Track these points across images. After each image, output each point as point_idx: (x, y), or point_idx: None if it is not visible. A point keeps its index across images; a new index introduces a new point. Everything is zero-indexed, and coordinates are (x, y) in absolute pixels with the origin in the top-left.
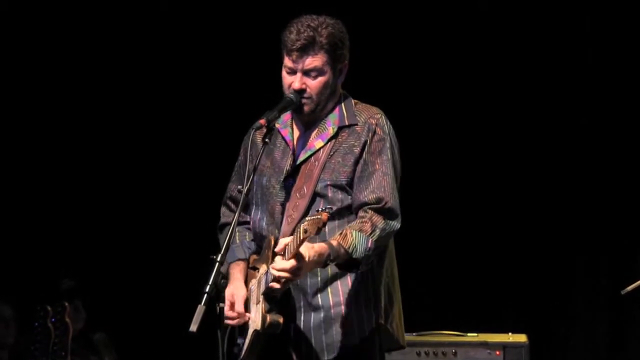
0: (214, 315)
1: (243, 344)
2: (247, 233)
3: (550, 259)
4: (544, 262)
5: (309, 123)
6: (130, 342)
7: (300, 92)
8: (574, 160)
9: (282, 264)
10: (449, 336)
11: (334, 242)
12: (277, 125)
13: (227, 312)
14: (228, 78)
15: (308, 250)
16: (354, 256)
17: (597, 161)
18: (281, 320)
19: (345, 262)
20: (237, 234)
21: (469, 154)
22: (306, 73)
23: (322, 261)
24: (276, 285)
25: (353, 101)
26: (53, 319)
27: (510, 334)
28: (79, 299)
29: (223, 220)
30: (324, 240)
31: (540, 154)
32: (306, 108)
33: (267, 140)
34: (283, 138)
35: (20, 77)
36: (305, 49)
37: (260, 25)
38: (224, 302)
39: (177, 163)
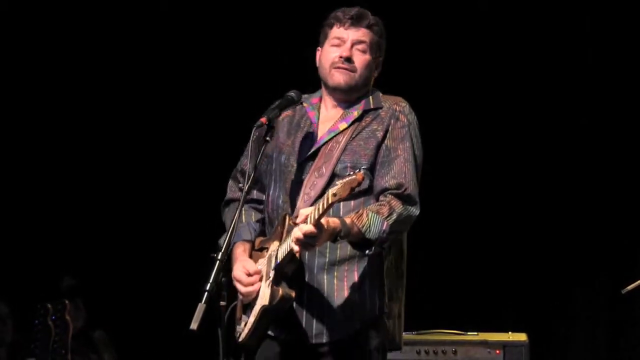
0: (214, 313)
1: (246, 323)
2: (254, 213)
3: (551, 259)
4: (544, 261)
5: (338, 106)
6: (130, 341)
7: (347, 60)
8: (574, 159)
9: (304, 227)
10: (448, 335)
11: (348, 220)
12: (304, 105)
13: (242, 282)
14: (228, 77)
15: (324, 221)
16: (367, 236)
17: (597, 161)
18: (293, 294)
19: (358, 241)
20: (243, 213)
21: (469, 153)
22: (354, 45)
23: (333, 234)
24: (296, 248)
25: (380, 93)
26: (53, 317)
27: (510, 333)
28: (80, 297)
29: (229, 195)
30: (337, 216)
31: (539, 153)
32: (342, 79)
33: (268, 138)
34: (309, 119)
35: (20, 78)
36: (359, 20)
37: (260, 25)
38: (224, 300)
39: (177, 162)
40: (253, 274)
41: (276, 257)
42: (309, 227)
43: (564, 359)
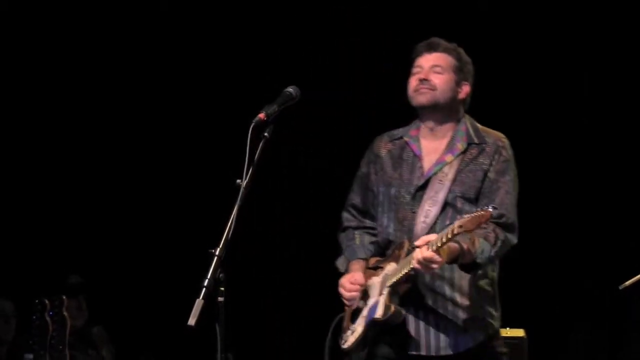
0: (212, 309)
1: (352, 332)
2: (367, 236)
3: (550, 256)
4: (543, 257)
5: (435, 134)
6: (128, 336)
7: (424, 81)
8: (573, 158)
9: (426, 252)
10: None
11: (465, 246)
12: (405, 139)
13: (344, 288)
14: (226, 77)
15: (446, 247)
16: (477, 261)
17: (596, 160)
18: (403, 312)
19: (468, 264)
20: (357, 236)
21: None
22: (431, 69)
23: (452, 259)
24: (417, 266)
25: (477, 124)
26: (51, 313)
27: (508, 329)
28: (84, 296)
29: (345, 224)
30: (456, 242)
31: (539, 152)
32: (424, 98)
33: (266, 134)
34: (412, 151)
35: (21, 77)
36: (433, 46)
37: (259, 25)
38: (222, 296)
39: (177, 160)
40: (356, 284)
41: (392, 276)
42: (430, 253)
43: (563, 355)
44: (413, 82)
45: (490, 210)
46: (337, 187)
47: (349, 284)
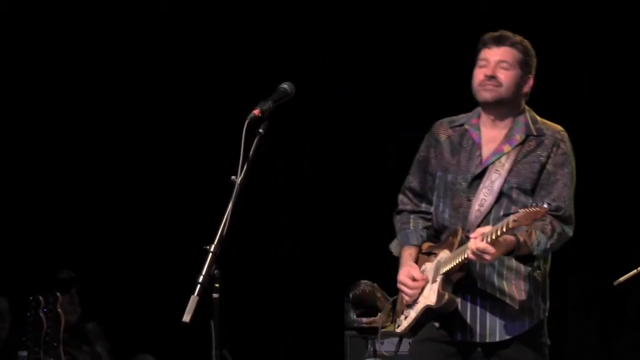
0: (207, 305)
1: (406, 317)
2: (421, 221)
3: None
4: None
5: (495, 124)
6: (123, 333)
7: (490, 78)
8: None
9: (480, 243)
10: None
11: (521, 238)
12: (466, 127)
13: (407, 286)
14: (223, 74)
15: (502, 239)
16: (534, 252)
17: (589, 157)
18: (457, 299)
19: (525, 255)
20: (411, 221)
21: None
22: (498, 64)
23: (508, 250)
24: (472, 257)
25: (537, 116)
26: (45, 309)
27: None
28: (76, 291)
29: (400, 207)
30: (513, 234)
31: None
32: (489, 95)
33: (260, 130)
34: (472, 139)
35: (12, 72)
36: (501, 40)
37: (259, 25)
38: (217, 292)
39: (172, 156)
40: (418, 280)
41: (445, 264)
42: (484, 245)
43: (557, 350)
44: (479, 76)
45: (545, 206)
46: (332, 185)
47: (411, 282)
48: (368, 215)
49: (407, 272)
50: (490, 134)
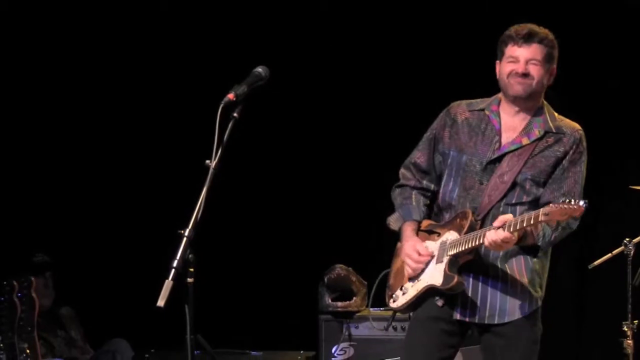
0: (181, 290)
1: (403, 293)
2: (422, 198)
3: None
4: None
5: (517, 114)
6: (97, 317)
7: (524, 75)
8: None
9: (502, 233)
10: None
11: (528, 229)
12: (486, 113)
13: (412, 259)
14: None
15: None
16: (538, 243)
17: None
18: (464, 283)
19: (530, 246)
20: (413, 196)
21: None
22: (528, 62)
23: (519, 241)
24: (492, 245)
25: (553, 111)
26: (19, 294)
27: None
28: (51, 274)
29: (402, 181)
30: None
31: None
32: (522, 89)
33: (235, 115)
34: (492, 124)
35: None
36: (531, 37)
37: (258, 26)
38: (191, 277)
39: (146, 141)
40: (424, 255)
41: (454, 246)
42: (507, 235)
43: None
44: (507, 70)
45: (583, 205)
46: (307, 169)
47: (416, 256)
48: (343, 200)
49: (412, 245)
50: (510, 123)
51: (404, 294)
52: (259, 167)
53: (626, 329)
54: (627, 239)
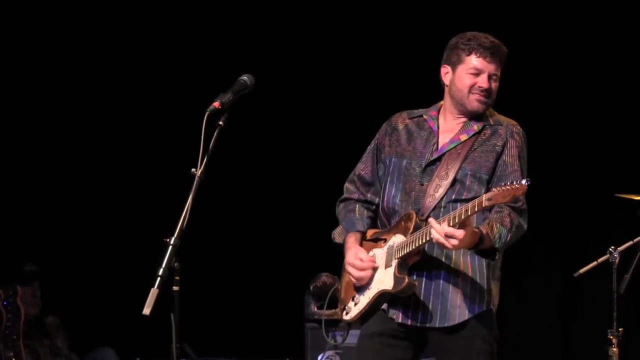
0: (167, 298)
1: (355, 304)
2: (366, 210)
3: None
4: None
5: (456, 117)
6: (83, 326)
7: (484, 90)
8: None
9: (448, 228)
10: None
11: (484, 230)
12: (424, 117)
13: (355, 267)
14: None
15: (469, 230)
16: (495, 245)
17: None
18: (416, 284)
19: (487, 249)
20: (357, 208)
21: None
22: (490, 77)
23: (472, 243)
24: (440, 241)
25: (495, 112)
26: (5, 303)
27: None
28: (38, 284)
29: (346, 195)
30: (476, 227)
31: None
32: (482, 107)
33: (220, 123)
34: (430, 127)
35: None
36: (496, 53)
37: (258, 26)
38: (177, 285)
39: (132, 149)
40: (366, 261)
41: (401, 249)
42: (452, 229)
43: (516, 340)
44: (469, 84)
45: (525, 184)
46: (292, 177)
47: (359, 263)
48: (329, 208)
49: (354, 254)
50: (449, 125)
51: (356, 304)
52: (245, 175)
53: (611, 337)
54: (612, 247)
